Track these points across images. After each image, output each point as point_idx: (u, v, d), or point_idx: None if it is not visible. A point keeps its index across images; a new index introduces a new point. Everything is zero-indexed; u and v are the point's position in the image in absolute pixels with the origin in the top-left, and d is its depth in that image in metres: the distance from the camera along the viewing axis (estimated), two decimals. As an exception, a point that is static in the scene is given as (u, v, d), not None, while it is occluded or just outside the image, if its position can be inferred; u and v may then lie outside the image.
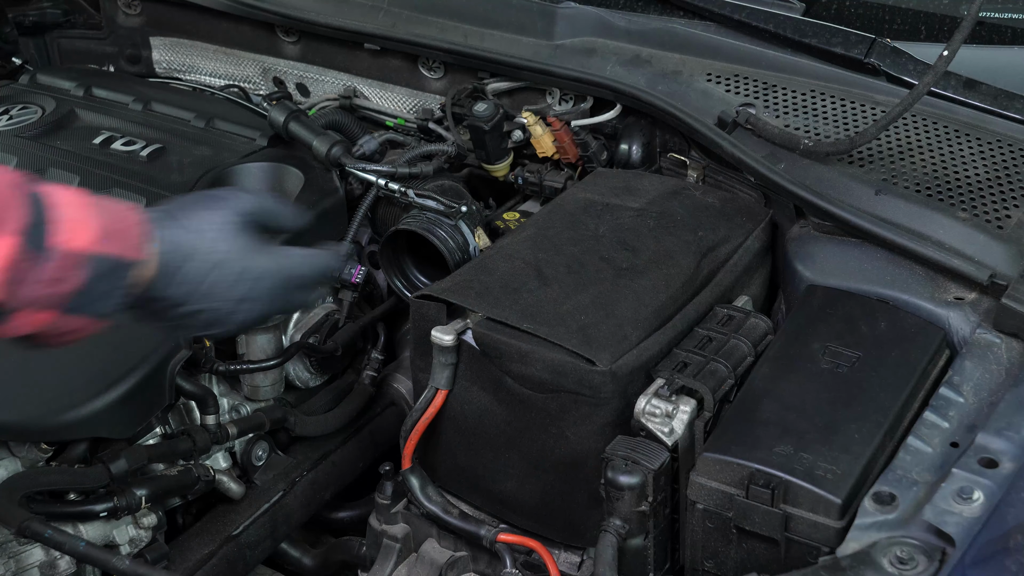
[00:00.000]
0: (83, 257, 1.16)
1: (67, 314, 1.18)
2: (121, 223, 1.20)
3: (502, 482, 1.60)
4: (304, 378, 1.89)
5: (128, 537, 1.59)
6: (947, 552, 1.19)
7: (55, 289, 1.16)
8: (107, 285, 1.19)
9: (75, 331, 1.22)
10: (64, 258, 1.15)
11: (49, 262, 1.14)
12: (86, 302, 1.19)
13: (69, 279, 1.16)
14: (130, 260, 1.20)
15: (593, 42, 2.05)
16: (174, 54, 2.43)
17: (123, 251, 1.20)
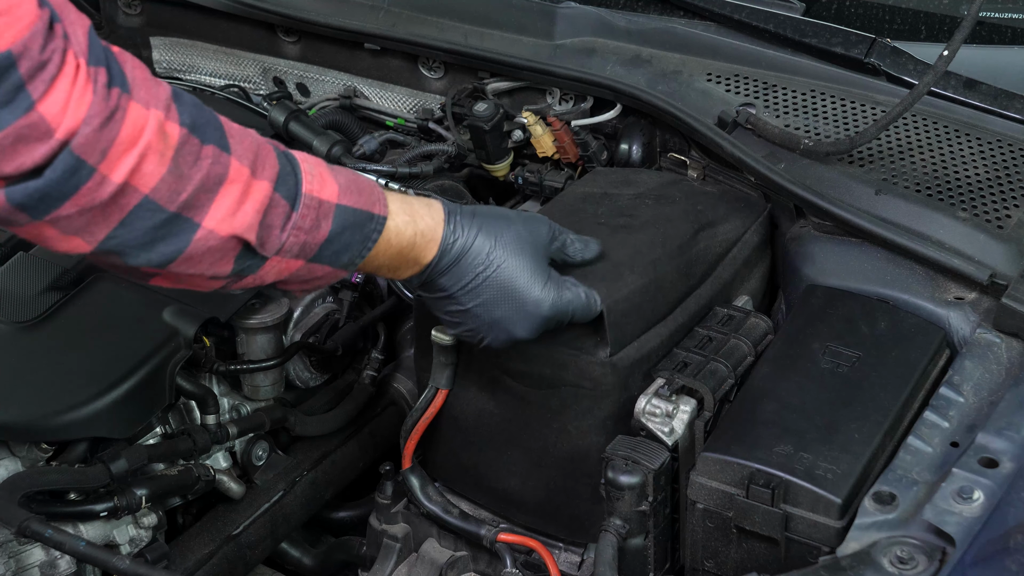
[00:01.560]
0: (329, 206, 1.25)
1: (312, 263, 1.26)
2: (359, 182, 1.29)
3: (505, 480, 1.60)
4: (304, 378, 1.89)
5: (128, 537, 1.59)
6: (947, 552, 1.19)
7: (305, 238, 1.23)
8: (351, 236, 1.27)
9: (318, 279, 1.30)
10: (313, 207, 1.23)
11: (299, 210, 1.22)
12: (331, 252, 1.26)
13: (318, 228, 1.24)
14: (373, 214, 1.29)
15: (593, 42, 2.05)
16: (174, 54, 2.43)
17: (365, 204, 1.28)
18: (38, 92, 1.04)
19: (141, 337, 1.62)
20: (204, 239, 1.17)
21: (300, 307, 1.83)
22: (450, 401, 1.60)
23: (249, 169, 1.19)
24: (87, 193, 1.10)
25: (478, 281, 1.37)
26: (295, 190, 1.22)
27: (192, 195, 1.14)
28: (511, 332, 1.40)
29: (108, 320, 1.65)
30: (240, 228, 1.18)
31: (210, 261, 1.20)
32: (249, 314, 1.75)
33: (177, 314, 1.64)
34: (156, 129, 1.12)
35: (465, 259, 1.36)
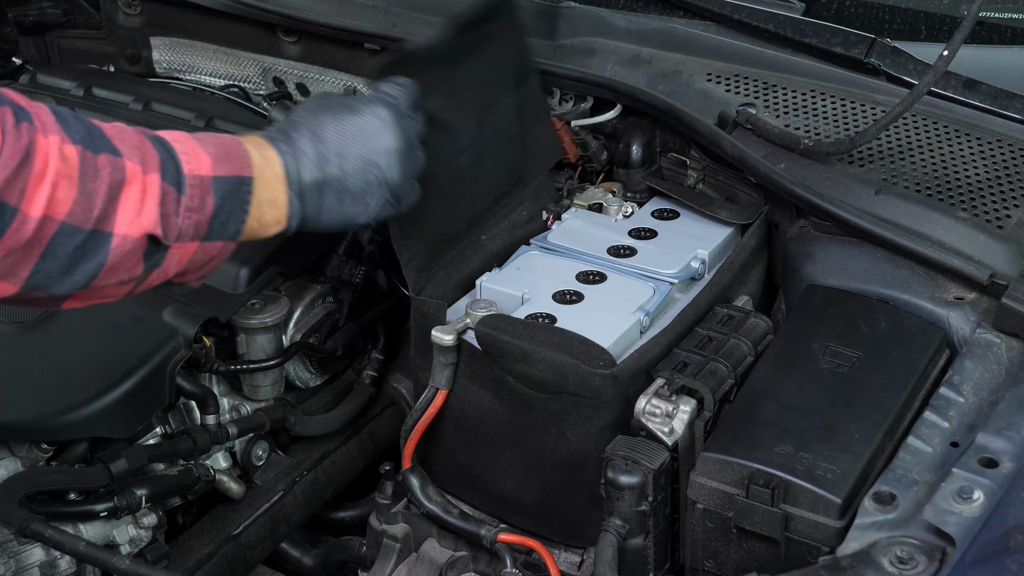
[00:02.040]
0: (209, 180, 1.26)
1: (206, 241, 1.28)
2: (226, 147, 1.30)
3: (502, 481, 1.60)
4: (304, 378, 1.88)
5: (128, 537, 1.59)
6: (947, 552, 1.19)
7: (196, 217, 1.25)
8: (233, 204, 1.29)
9: (213, 258, 1.31)
10: (197, 185, 1.25)
11: (186, 192, 1.23)
12: (219, 225, 1.28)
13: (205, 204, 1.26)
14: (243, 177, 1.30)
15: (593, 42, 2.05)
16: (174, 54, 2.43)
17: (237, 170, 1.29)
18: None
19: (141, 337, 1.62)
20: (120, 245, 1.18)
21: (300, 307, 1.83)
22: (450, 401, 1.60)
23: (140, 166, 1.20)
24: (12, 235, 1.11)
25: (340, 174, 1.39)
26: (178, 174, 1.24)
27: (102, 208, 1.16)
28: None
29: (108, 320, 1.65)
30: (149, 225, 1.20)
31: (127, 266, 1.21)
32: (249, 314, 1.75)
33: (177, 314, 1.64)
34: (58, 154, 1.13)
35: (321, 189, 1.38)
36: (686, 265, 1.69)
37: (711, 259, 1.72)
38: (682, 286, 1.68)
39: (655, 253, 1.72)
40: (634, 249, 1.73)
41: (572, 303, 1.62)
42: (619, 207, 1.87)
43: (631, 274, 1.68)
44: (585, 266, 1.70)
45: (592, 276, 1.67)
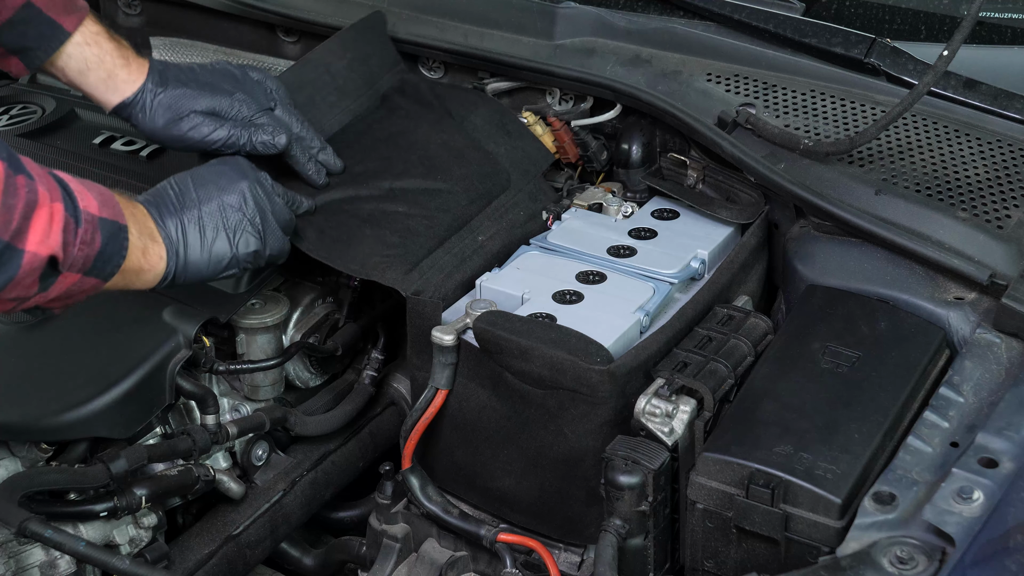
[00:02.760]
0: (97, 220, 1.33)
1: (87, 275, 1.34)
2: (103, 193, 1.38)
3: (500, 479, 1.61)
4: (304, 378, 1.88)
5: (128, 537, 1.59)
6: (947, 552, 1.19)
7: (87, 251, 1.31)
8: (114, 247, 1.37)
9: (82, 292, 1.38)
10: (90, 221, 1.31)
11: (82, 225, 1.30)
12: (101, 263, 1.35)
13: (94, 241, 1.32)
14: (123, 224, 1.38)
15: (593, 42, 2.05)
16: (174, 54, 2.43)
17: (116, 216, 1.38)
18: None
19: (141, 337, 1.62)
20: (30, 262, 1.24)
21: (300, 307, 1.83)
22: (449, 399, 1.61)
23: (48, 193, 1.26)
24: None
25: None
26: (75, 207, 1.31)
27: (18, 223, 1.21)
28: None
29: (108, 320, 1.65)
30: (54, 248, 1.27)
31: (28, 283, 1.27)
32: (249, 314, 1.75)
33: (177, 314, 1.64)
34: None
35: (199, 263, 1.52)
36: (686, 265, 1.70)
37: (711, 259, 1.72)
38: (682, 286, 1.68)
39: (655, 253, 1.72)
40: (634, 249, 1.73)
41: (572, 303, 1.62)
42: (619, 207, 1.87)
43: (631, 274, 1.68)
44: (585, 266, 1.70)
45: (592, 276, 1.67)
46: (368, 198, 1.76)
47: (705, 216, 1.81)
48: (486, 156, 1.88)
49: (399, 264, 1.66)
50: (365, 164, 1.82)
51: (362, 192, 1.77)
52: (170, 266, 1.49)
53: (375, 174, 1.81)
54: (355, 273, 1.71)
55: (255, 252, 1.57)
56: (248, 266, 1.58)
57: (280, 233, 1.61)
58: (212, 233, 1.53)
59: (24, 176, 1.23)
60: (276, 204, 1.60)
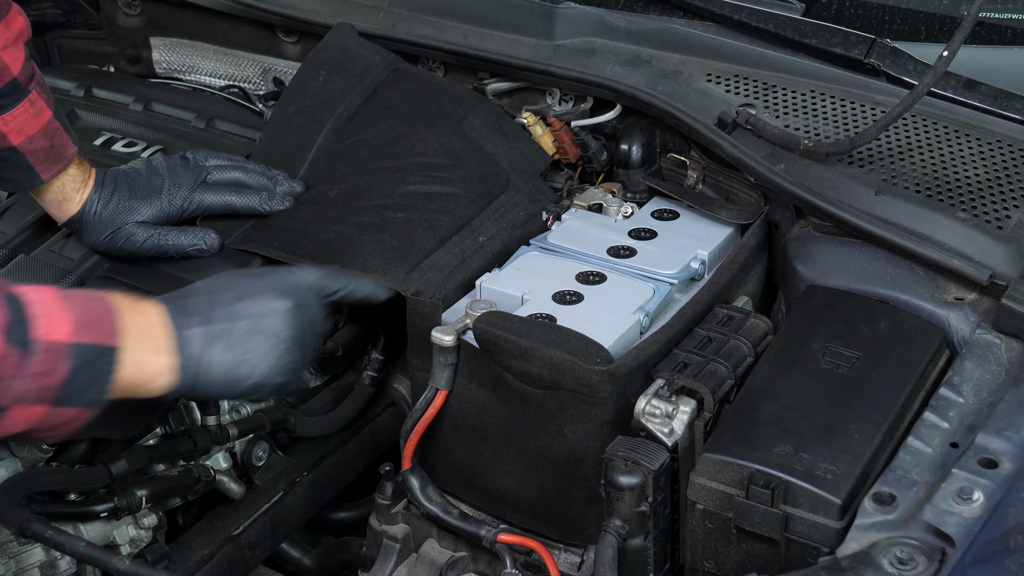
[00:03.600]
0: (64, 347, 1.21)
1: (57, 407, 1.23)
2: (92, 313, 1.26)
3: (500, 479, 1.61)
4: (304, 378, 1.88)
5: (128, 537, 1.59)
6: (947, 552, 1.19)
7: (43, 382, 1.20)
8: (92, 373, 1.24)
9: (68, 423, 1.26)
10: (47, 351, 1.19)
11: (34, 356, 1.18)
12: (74, 392, 1.23)
13: (55, 371, 1.20)
14: (109, 346, 1.25)
15: (593, 42, 2.05)
16: (174, 54, 2.43)
17: (101, 339, 1.25)
18: None
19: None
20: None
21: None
22: (449, 399, 1.61)
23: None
24: None
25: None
26: (25, 336, 1.19)
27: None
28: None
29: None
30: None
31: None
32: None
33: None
34: None
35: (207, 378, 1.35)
36: (686, 265, 1.70)
37: (711, 259, 1.72)
38: (682, 286, 1.68)
39: (655, 253, 1.73)
40: (634, 249, 1.73)
41: (572, 303, 1.62)
42: (619, 207, 1.87)
43: (631, 274, 1.69)
44: (585, 266, 1.70)
45: (592, 276, 1.67)
46: (367, 208, 1.76)
47: (705, 216, 1.81)
48: (485, 157, 1.88)
49: (399, 265, 1.67)
50: (364, 176, 1.82)
51: (361, 203, 1.77)
52: (182, 380, 1.33)
53: (374, 184, 1.80)
54: None
55: (281, 383, 1.40)
56: (267, 396, 1.45)
57: (304, 363, 1.44)
58: (239, 356, 1.36)
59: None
60: (315, 326, 1.45)
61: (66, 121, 1.68)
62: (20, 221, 1.83)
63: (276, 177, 1.79)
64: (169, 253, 1.70)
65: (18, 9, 1.62)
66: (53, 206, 1.69)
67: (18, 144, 1.61)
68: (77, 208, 1.68)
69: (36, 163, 1.64)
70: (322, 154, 1.87)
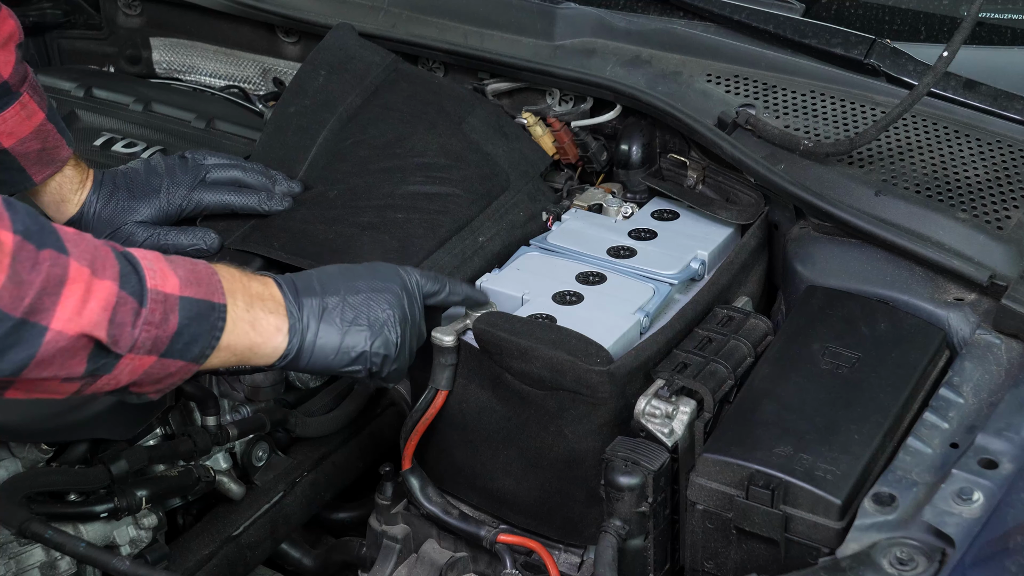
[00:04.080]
0: (175, 300, 1.26)
1: (165, 358, 1.27)
2: (197, 273, 1.30)
3: (500, 480, 1.61)
4: (304, 379, 1.88)
5: (128, 538, 1.59)
6: (947, 553, 1.19)
7: (155, 332, 1.24)
8: (200, 327, 1.29)
9: (171, 376, 1.30)
10: (160, 301, 1.25)
11: (147, 305, 1.23)
12: (182, 345, 1.27)
13: (167, 322, 1.25)
14: (218, 303, 1.30)
15: (593, 43, 2.05)
16: (174, 55, 2.43)
17: (208, 295, 1.30)
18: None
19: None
20: (54, 341, 1.17)
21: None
22: (449, 400, 1.61)
23: (89, 269, 1.19)
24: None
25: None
26: (140, 287, 1.23)
27: (35, 299, 1.15)
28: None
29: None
30: (87, 326, 1.19)
31: (61, 362, 1.20)
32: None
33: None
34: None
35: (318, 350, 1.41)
36: (686, 266, 1.70)
37: (711, 260, 1.73)
38: (682, 287, 1.68)
39: (655, 254, 1.73)
40: (634, 250, 1.73)
41: (572, 304, 1.62)
42: (619, 208, 1.87)
43: (631, 275, 1.69)
44: (585, 267, 1.70)
45: (592, 277, 1.68)
46: (368, 208, 1.76)
47: (705, 217, 1.81)
48: (485, 158, 1.88)
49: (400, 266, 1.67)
50: (364, 177, 1.82)
51: (361, 203, 1.77)
52: (292, 343, 1.38)
53: (374, 185, 1.81)
54: None
55: (386, 356, 1.44)
56: (373, 369, 1.45)
57: (407, 350, 1.48)
58: (351, 321, 1.42)
59: (52, 251, 1.17)
60: (416, 321, 1.49)
61: (61, 123, 1.68)
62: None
63: (275, 177, 1.79)
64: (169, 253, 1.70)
65: (9, 12, 1.62)
66: (52, 208, 1.69)
67: (9, 146, 1.62)
68: (76, 209, 1.68)
69: (27, 165, 1.64)
70: (322, 154, 1.87)
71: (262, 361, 1.38)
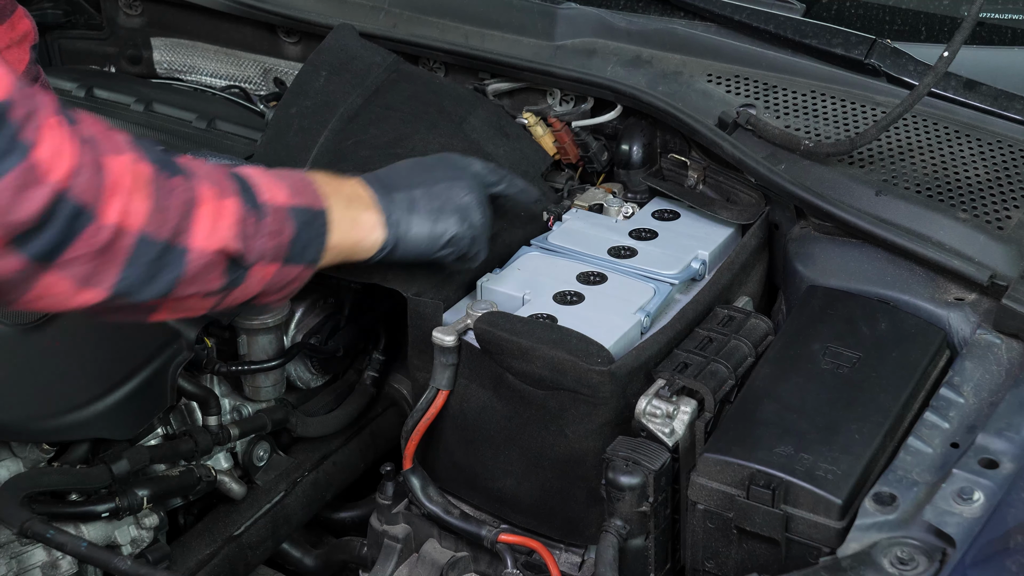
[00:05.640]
0: (286, 209, 1.37)
1: (287, 264, 1.39)
2: (299, 183, 1.42)
3: (501, 480, 1.61)
4: (306, 379, 1.89)
5: (130, 537, 1.59)
6: (947, 552, 1.19)
7: (276, 241, 1.36)
8: (311, 232, 1.41)
9: (292, 281, 1.42)
10: (275, 211, 1.36)
11: (266, 216, 1.34)
12: (299, 250, 1.39)
13: (284, 230, 1.37)
14: (320, 209, 1.42)
15: (594, 43, 2.05)
16: (175, 55, 2.43)
17: (312, 202, 1.41)
18: (31, 141, 1.12)
19: (143, 339, 1.63)
20: (196, 259, 1.27)
21: (301, 308, 1.83)
22: (450, 400, 1.61)
23: (214, 190, 1.29)
24: (88, 237, 1.18)
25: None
26: (256, 201, 1.34)
27: (176, 223, 1.25)
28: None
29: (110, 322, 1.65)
30: (222, 242, 1.29)
31: (204, 279, 1.30)
32: (251, 315, 1.75)
33: (179, 316, 1.65)
34: (131, 172, 1.22)
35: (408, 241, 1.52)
36: (686, 266, 1.70)
37: (711, 260, 1.73)
38: (683, 287, 1.69)
39: (655, 254, 1.73)
40: (634, 250, 1.74)
41: (573, 304, 1.62)
42: (619, 208, 1.87)
43: (632, 275, 1.69)
44: (586, 267, 1.70)
45: (593, 277, 1.68)
46: None
47: (706, 217, 1.81)
48: (486, 157, 1.88)
49: (400, 266, 1.67)
50: None
51: None
52: (389, 235, 1.50)
53: None
54: (357, 279, 1.71)
55: (473, 238, 1.57)
56: (462, 251, 1.57)
57: (485, 234, 1.60)
58: (438, 209, 1.53)
59: (180, 177, 1.27)
60: (484, 207, 1.59)
61: None
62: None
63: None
64: None
65: (24, 12, 1.62)
66: None
67: None
68: None
69: None
70: (323, 155, 1.87)
71: (363, 256, 1.50)
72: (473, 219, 1.55)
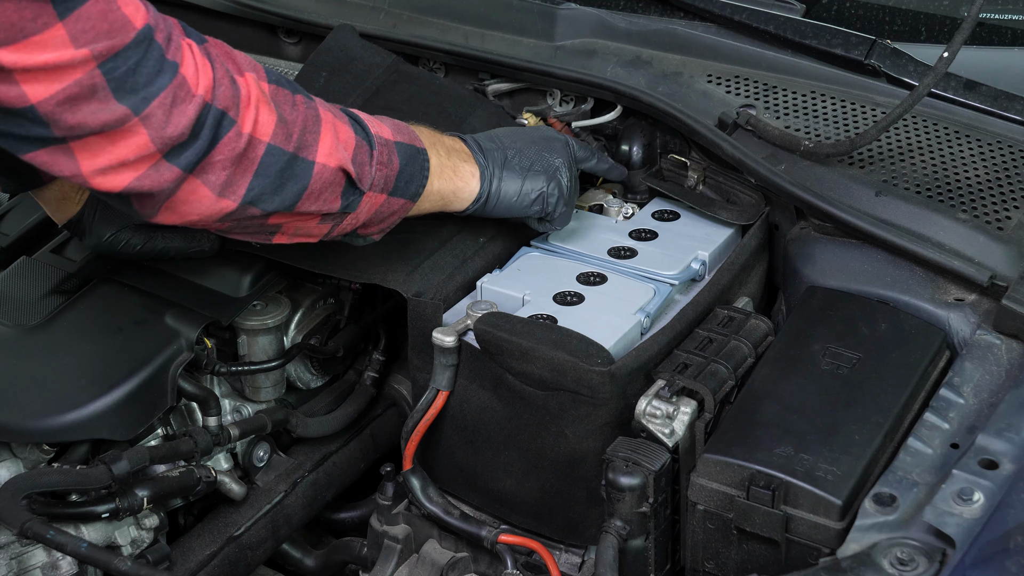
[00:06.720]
0: (392, 144, 1.48)
1: (392, 196, 1.49)
2: (399, 124, 1.53)
3: (501, 480, 1.61)
4: (306, 379, 1.89)
5: (130, 538, 1.59)
6: (947, 553, 1.19)
7: (385, 171, 1.45)
8: (414, 167, 1.51)
9: (394, 213, 1.53)
10: (383, 144, 1.46)
11: (376, 148, 1.44)
12: (404, 183, 1.50)
13: (392, 162, 1.47)
14: (420, 148, 1.53)
15: (594, 43, 2.05)
16: (175, 55, 2.43)
17: (412, 141, 1.53)
18: (176, 58, 1.25)
19: (143, 340, 1.63)
20: (320, 173, 1.38)
21: (302, 309, 1.83)
22: (450, 400, 1.61)
23: (331, 113, 1.40)
24: (229, 143, 1.30)
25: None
26: (366, 132, 1.45)
27: (300, 136, 1.36)
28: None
29: (110, 323, 1.65)
30: (344, 160, 1.39)
31: (325, 196, 1.41)
32: (250, 316, 1.75)
33: (179, 317, 1.65)
34: (256, 86, 1.33)
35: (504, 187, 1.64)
36: (686, 266, 1.70)
37: (711, 260, 1.73)
38: (682, 287, 1.69)
39: (655, 254, 1.73)
40: (634, 250, 1.74)
41: (573, 304, 1.62)
42: (619, 208, 1.87)
43: (632, 275, 1.69)
44: (586, 267, 1.70)
45: (593, 277, 1.68)
46: None
47: (706, 217, 1.81)
48: None
49: (400, 266, 1.67)
50: None
51: None
52: (484, 187, 1.61)
53: None
54: (356, 279, 1.71)
55: (559, 198, 1.66)
56: (549, 209, 1.66)
57: (571, 198, 1.70)
58: (528, 168, 1.64)
59: (303, 96, 1.37)
60: (574, 178, 1.70)
61: None
62: (22, 223, 1.84)
63: None
64: (170, 255, 1.70)
65: None
66: (53, 205, 1.69)
67: None
68: (77, 208, 1.68)
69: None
70: None
71: (459, 206, 1.62)
72: (561, 181, 1.65)
